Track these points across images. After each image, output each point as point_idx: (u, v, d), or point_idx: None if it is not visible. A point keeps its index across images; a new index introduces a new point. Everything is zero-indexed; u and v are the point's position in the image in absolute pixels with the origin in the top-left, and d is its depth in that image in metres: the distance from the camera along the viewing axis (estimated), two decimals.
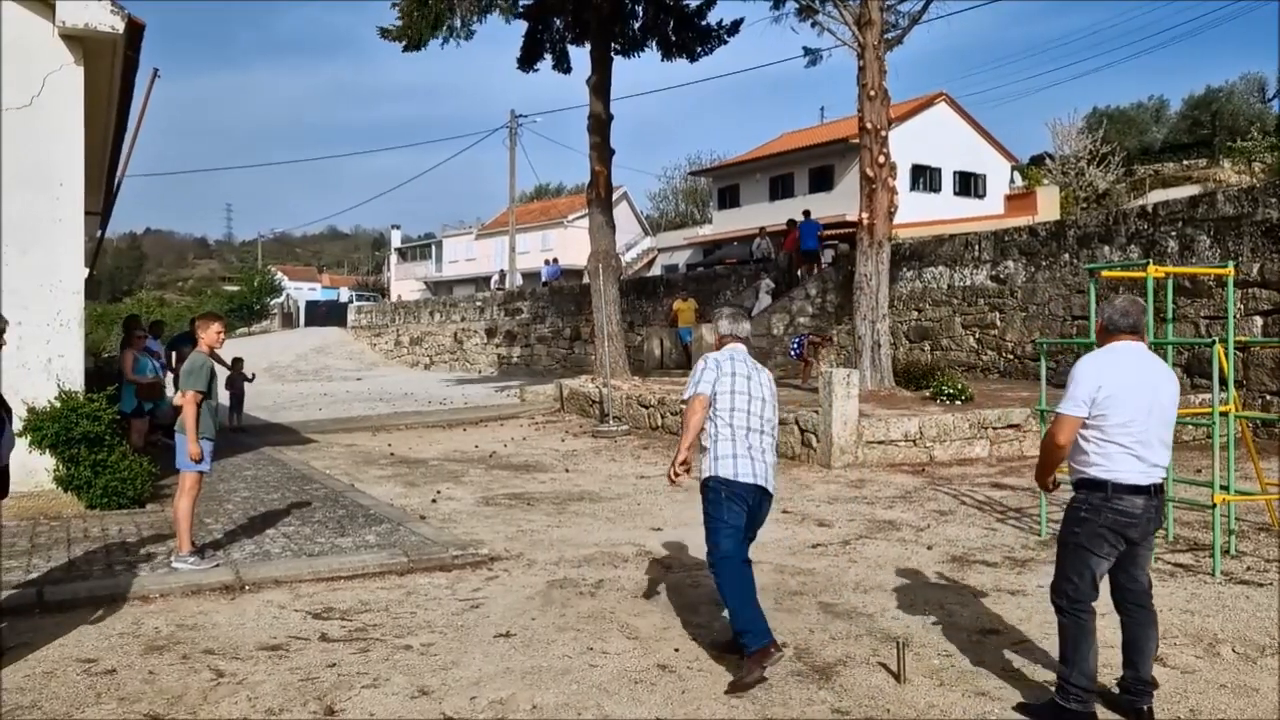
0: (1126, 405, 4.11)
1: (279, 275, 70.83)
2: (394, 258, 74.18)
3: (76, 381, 8.99)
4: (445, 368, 36.52)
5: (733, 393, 4.98)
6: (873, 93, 13.51)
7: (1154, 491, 4.17)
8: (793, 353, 16.57)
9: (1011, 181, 43.41)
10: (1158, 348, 11.93)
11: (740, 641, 4.73)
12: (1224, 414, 6.80)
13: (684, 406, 5.10)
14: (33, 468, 8.77)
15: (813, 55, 16.23)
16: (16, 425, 8.69)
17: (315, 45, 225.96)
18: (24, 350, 8.78)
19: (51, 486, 8.82)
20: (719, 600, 6.13)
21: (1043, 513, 7.88)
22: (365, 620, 5.78)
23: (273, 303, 60.12)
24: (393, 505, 9.34)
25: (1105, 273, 8.62)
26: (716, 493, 4.92)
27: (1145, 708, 4.20)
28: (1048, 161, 44.93)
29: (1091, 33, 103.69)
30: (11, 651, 5.16)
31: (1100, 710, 4.25)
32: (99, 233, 18.28)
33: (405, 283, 68.33)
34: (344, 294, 69.43)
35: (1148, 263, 6.82)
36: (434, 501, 9.85)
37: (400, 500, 9.85)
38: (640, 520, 8.82)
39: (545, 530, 8.41)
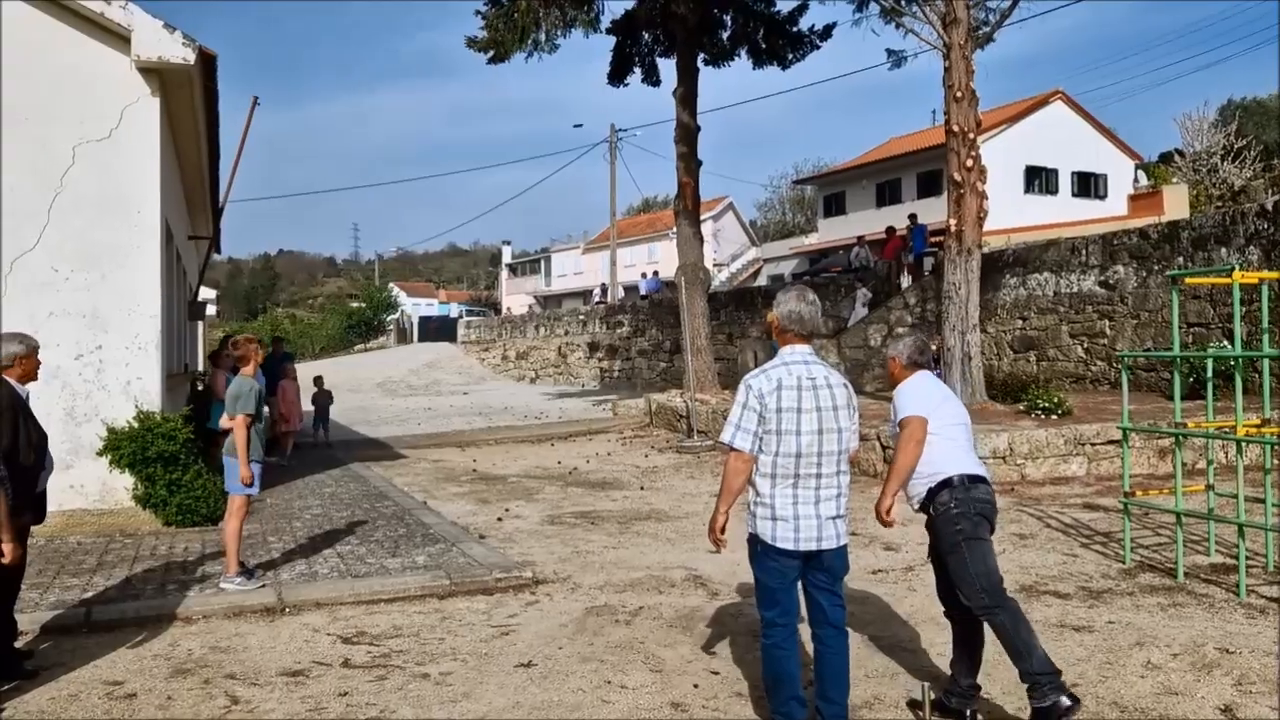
0: (951, 412, 4.52)
1: (397, 292, 73.04)
2: (504, 273, 75.57)
3: (154, 402, 9.28)
4: (550, 381, 36.84)
5: (779, 433, 3.98)
6: (959, 94, 12.94)
7: (990, 483, 4.51)
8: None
9: (1136, 181, 41.32)
10: (1252, 362, 10.94)
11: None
12: None
13: (722, 452, 4.33)
14: (113, 486, 9.11)
15: (896, 58, 15.68)
16: (97, 445, 9.08)
17: (437, 68, 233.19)
18: (104, 373, 9.13)
19: (130, 504, 9.13)
20: (757, 632, 5.87)
21: (1126, 537, 7.30)
22: (392, 646, 5.71)
23: (389, 319, 61.97)
24: (455, 524, 9.32)
25: (1189, 279, 7.97)
26: (754, 548, 4.17)
27: (968, 710, 4.40)
28: (1177, 159, 42.63)
29: (1222, 19, 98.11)
30: (46, 672, 5.28)
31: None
32: (208, 254, 19.01)
33: (516, 297, 69.51)
34: (453, 309, 71.06)
35: (1232, 268, 6.24)
36: (500, 520, 9.81)
37: (467, 518, 9.84)
38: (700, 541, 8.54)
39: (601, 551, 8.25)
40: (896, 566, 7.39)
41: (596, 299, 44.24)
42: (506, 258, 76.22)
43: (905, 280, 21.75)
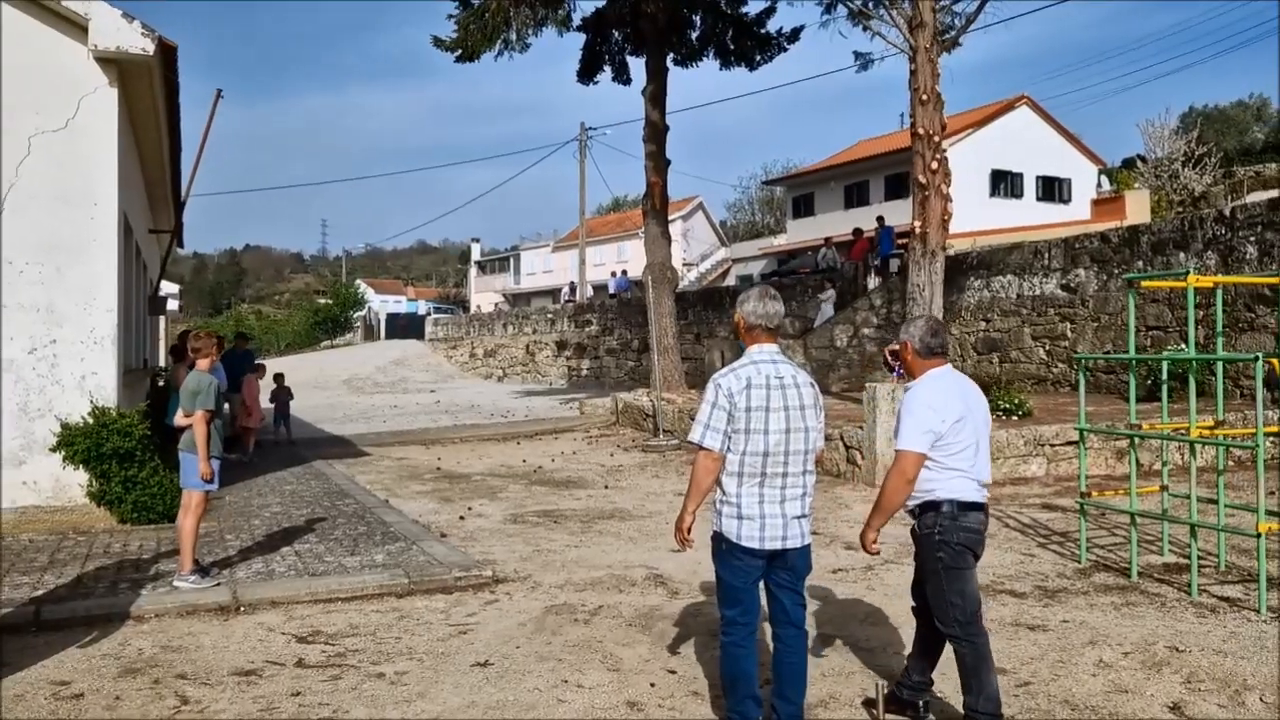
0: (966, 432, 4.19)
1: (365, 289, 72.43)
2: (473, 271, 75.24)
3: (110, 398, 9.13)
4: (518, 380, 36.74)
5: (747, 432, 3.95)
6: (925, 97, 13.03)
7: (986, 508, 4.32)
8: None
9: (1099, 186, 41.87)
10: (1207, 364, 11.10)
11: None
12: (1270, 435, 6.24)
13: (688, 451, 4.31)
14: (66, 483, 8.96)
15: (863, 60, 15.79)
16: (51, 440, 8.93)
17: (418, 67, 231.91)
18: (59, 367, 8.98)
19: (84, 501, 8.98)
20: (716, 631, 5.88)
21: (1082, 537, 7.38)
22: (348, 645, 5.66)
23: (356, 316, 61.48)
24: (416, 522, 9.26)
25: (1146, 283, 8.07)
26: (718, 546, 4.14)
27: (920, 702, 4.45)
28: (1139, 164, 43.27)
29: (1185, 28, 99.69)
30: None
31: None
32: (169, 247, 18.76)
33: (485, 295, 69.22)
34: (422, 307, 70.61)
35: (1187, 272, 6.33)
36: (462, 519, 9.76)
37: (429, 517, 9.78)
38: (662, 540, 8.55)
39: (562, 550, 8.23)
40: (856, 566, 7.42)
41: (565, 297, 44.19)
42: (476, 255, 75.89)
43: (872, 281, 21.92)
